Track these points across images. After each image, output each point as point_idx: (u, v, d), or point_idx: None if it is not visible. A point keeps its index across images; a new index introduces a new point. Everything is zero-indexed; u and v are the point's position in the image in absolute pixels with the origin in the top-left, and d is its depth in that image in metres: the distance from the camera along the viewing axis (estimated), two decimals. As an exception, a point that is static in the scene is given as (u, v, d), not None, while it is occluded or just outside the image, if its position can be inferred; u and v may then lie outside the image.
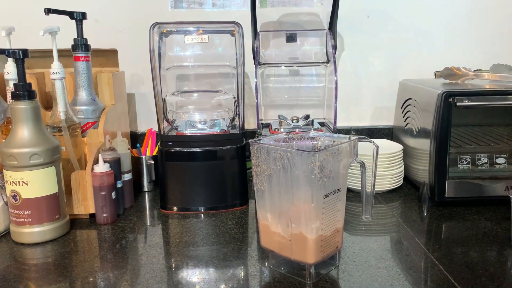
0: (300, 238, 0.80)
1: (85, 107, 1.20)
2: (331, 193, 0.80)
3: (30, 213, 0.96)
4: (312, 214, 0.78)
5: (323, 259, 0.82)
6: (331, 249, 0.83)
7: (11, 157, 0.94)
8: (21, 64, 0.95)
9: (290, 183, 0.79)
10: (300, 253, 0.81)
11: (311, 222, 0.78)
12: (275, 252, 0.85)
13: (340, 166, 0.81)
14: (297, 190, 0.79)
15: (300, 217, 0.79)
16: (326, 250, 0.82)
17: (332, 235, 0.83)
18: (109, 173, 1.07)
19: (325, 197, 0.79)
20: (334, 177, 0.80)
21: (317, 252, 0.80)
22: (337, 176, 0.81)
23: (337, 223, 0.84)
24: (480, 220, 1.08)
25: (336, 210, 0.83)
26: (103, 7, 1.42)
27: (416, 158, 1.25)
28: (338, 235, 0.85)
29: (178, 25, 1.27)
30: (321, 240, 0.80)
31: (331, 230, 0.82)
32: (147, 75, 1.39)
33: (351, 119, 1.54)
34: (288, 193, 0.80)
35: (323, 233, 0.80)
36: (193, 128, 1.22)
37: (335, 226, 0.83)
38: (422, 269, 0.86)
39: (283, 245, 0.83)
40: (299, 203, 0.79)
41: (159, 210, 1.17)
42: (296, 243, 0.81)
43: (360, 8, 1.46)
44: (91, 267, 0.88)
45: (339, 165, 0.81)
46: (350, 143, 0.83)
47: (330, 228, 0.82)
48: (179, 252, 0.94)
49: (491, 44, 1.50)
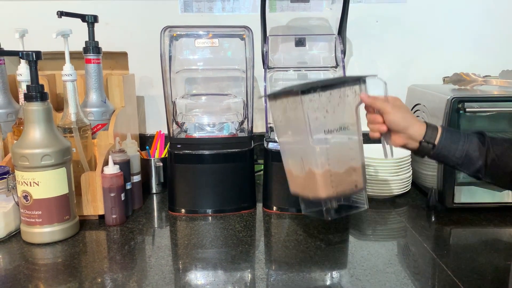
0: (310, 175, 0.85)
1: (95, 109, 1.22)
2: (335, 130, 0.84)
3: (40, 213, 0.97)
4: (315, 149, 0.83)
5: (337, 195, 0.85)
6: (347, 186, 0.86)
7: (23, 158, 0.96)
8: (34, 66, 0.97)
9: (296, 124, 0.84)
10: (314, 189, 0.86)
11: (316, 157, 0.83)
12: (299, 194, 0.91)
13: (345, 103, 0.85)
14: (301, 129, 0.84)
15: (307, 154, 0.85)
16: (340, 186, 0.85)
17: (346, 173, 0.86)
18: (118, 174, 1.08)
19: (327, 133, 0.83)
20: (336, 114, 0.84)
21: (327, 187, 0.84)
22: (340, 113, 0.85)
23: (351, 162, 0.86)
24: (489, 226, 1.07)
25: (348, 148, 0.86)
26: (114, 10, 1.43)
27: (425, 164, 1.24)
28: (355, 174, 0.86)
29: (189, 29, 1.27)
30: (330, 175, 0.84)
31: (343, 167, 0.86)
32: (156, 78, 1.40)
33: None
34: (297, 134, 0.85)
35: (331, 168, 0.84)
36: (202, 131, 1.23)
37: (349, 164, 0.86)
38: (430, 274, 0.86)
39: (302, 185, 0.88)
40: (305, 142, 0.84)
41: (167, 212, 1.18)
42: (309, 180, 0.86)
43: (369, 13, 1.46)
44: (100, 268, 0.88)
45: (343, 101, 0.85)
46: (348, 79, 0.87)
47: (341, 165, 0.85)
48: (187, 254, 0.94)
49: (500, 50, 1.50)
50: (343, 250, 0.96)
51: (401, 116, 0.84)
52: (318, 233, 1.04)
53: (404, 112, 0.85)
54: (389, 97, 0.87)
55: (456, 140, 0.81)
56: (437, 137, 0.82)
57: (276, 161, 1.17)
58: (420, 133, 0.83)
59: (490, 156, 0.80)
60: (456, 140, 0.81)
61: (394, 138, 0.86)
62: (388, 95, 0.87)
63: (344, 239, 1.02)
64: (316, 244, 0.98)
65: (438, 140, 0.82)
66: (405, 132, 0.84)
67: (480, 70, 1.33)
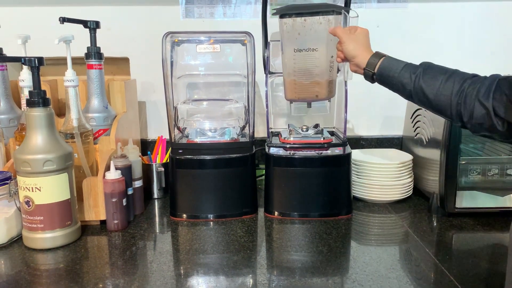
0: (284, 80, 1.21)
1: (97, 114, 1.22)
2: (304, 50, 1.11)
3: (42, 219, 0.97)
4: (285, 62, 1.16)
5: (299, 99, 1.20)
6: (308, 94, 1.18)
7: (25, 163, 0.96)
8: (36, 71, 0.97)
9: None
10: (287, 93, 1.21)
11: (286, 69, 1.16)
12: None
13: (317, 29, 1.09)
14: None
15: (283, 66, 1.18)
16: (302, 93, 1.17)
17: (310, 84, 1.15)
18: (120, 180, 1.08)
19: (296, 51, 1.12)
20: (306, 38, 1.10)
21: (292, 92, 1.18)
22: (311, 37, 1.09)
23: (316, 77, 1.14)
24: (491, 231, 1.07)
25: (314, 66, 1.13)
26: (116, 16, 1.44)
27: (426, 168, 1.24)
28: (318, 87, 1.15)
29: (190, 34, 1.28)
30: (295, 84, 1.15)
31: (308, 80, 1.15)
32: (158, 83, 1.41)
33: (361, 128, 1.54)
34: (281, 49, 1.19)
35: (296, 79, 1.15)
36: (204, 136, 1.23)
37: (313, 78, 1.14)
38: (433, 279, 0.86)
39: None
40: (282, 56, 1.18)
41: (169, 217, 1.17)
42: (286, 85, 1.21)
43: (370, 18, 1.47)
44: (101, 274, 0.88)
45: (315, 28, 1.09)
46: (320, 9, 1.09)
47: (307, 78, 1.14)
48: (189, 260, 0.94)
49: (501, 55, 1.50)
50: (345, 255, 0.96)
51: (352, 46, 0.96)
52: (319, 238, 1.03)
53: (356, 43, 0.96)
54: (353, 28, 1.00)
55: (394, 70, 0.87)
56: (377, 66, 0.91)
57: (277, 166, 1.18)
58: (364, 62, 0.93)
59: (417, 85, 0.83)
60: (394, 70, 0.87)
61: (349, 64, 0.99)
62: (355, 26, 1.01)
63: (346, 244, 1.01)
64: (318, 249, 0.98)
65: (377, 68, 0.91)
66: (353, 60, 0.96)
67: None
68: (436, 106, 0.81)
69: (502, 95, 0.70)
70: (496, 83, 0.72)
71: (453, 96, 0.77)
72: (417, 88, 0.82)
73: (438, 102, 0.80)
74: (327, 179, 1.16)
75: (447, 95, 0.78)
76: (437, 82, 0.80)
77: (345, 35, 0.98)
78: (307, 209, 1.16)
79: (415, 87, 0.83)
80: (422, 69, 0.84)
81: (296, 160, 1.16)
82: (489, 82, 0.73)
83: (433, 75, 0.81)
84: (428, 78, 0.81)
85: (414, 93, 0.83)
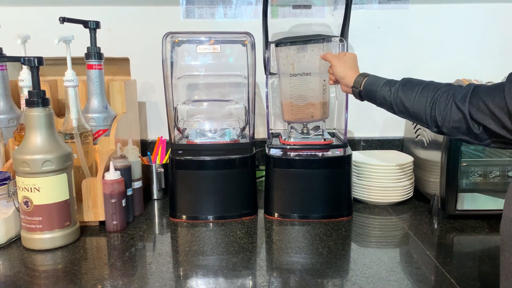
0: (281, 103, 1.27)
1: (97, 114, 1.21)
2: (299, 75, 1.20)
3: (41, 219, 0.97)
4: (282, 87, 1.24)
5: (296, 120, 1.25)
6: (304, 115, 1.24)
7: (24, 164, 0.95)
8: (36, 71, 0.97)
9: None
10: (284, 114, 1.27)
11: (283, 92, 1.24)
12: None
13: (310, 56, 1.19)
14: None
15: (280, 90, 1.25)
16: (298, 115, 1.23)
17: (305, 106, 1.22)
18: (119, 180, 1.08)
19: (292, 76, 1.20)
20: (301, 63, 1.19)
21: (289, 114, 1.24)
22: (305, 63, 1.19)
23: (311, 99, 1.22)
24: (492, 234, 1.07)
25: (308, 89, 1.21)
26: (116, 16, 1.43)
27: (427, 170, 1.24)
28: (313, 108, 1.22)
29: (191, 35, 1.28)
30: (292, 106, 1.23)
31: (303, 102, 1.22)
32: (158, 84, 1.40)
33: (361, 130, 1.54)
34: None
35: (292, 101, 1.23)
36: (204, 137, 1.23)
37: (308, 100, 1.22)
38: (433, 282, 0.86)
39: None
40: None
41: (168, 218, 1.17)
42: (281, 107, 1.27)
43: (371, 19, 1.47)
44: (100, 275, 0.88)
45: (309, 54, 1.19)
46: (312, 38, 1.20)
47: (302, 100, 1.22)
48: (188, 261, 0.94)
49: (503, 57, 1.50)
50: (345, 257, 0.95)
51: (341, 69, 1.04)
52: (320, 240, 1.03)
53: (345, 66, 1.04)
54: (342, 54, 1.09)
55: (376, 85, 0.94)
56: (362, 83, 0.98)
57: (277, 167, 1.17)
58: (352, 81, 1.01)
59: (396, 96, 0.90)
60: (377, 85, 0.94)
61: (340, 85, 1.07)
62: (344, 52, 1.12)
63: (346, 246, 1.01)
64: (318, 251, 0.97)
65: (362, 85, 0.98)
66: (343, 81, 1.04)
67: (482, 77, 1.32)
68: (413, 114, 0.86)
69: (479, 100, 0.73)
70: (472, 90, 0.75)
71: (427, 103, 0.83)
72: (396, 99, 0.89)
73: (414, 110, 0.85)
74: (327, 181, 1.16)
75: (422, 102, 0.84)
76: (414, 92, 0.86)
77: (335, 59, 1.07)
78: (307, 210, 1.15)
79: (395, 97, 0.89)
80: (401, 83, 0.90)
81: (297, 161, 1.16)
82: (465, 89, 0.77)
83: (410, 87, 0.88)
84: (406, 89, 0.88)
85: (394, 104, 0.90)
